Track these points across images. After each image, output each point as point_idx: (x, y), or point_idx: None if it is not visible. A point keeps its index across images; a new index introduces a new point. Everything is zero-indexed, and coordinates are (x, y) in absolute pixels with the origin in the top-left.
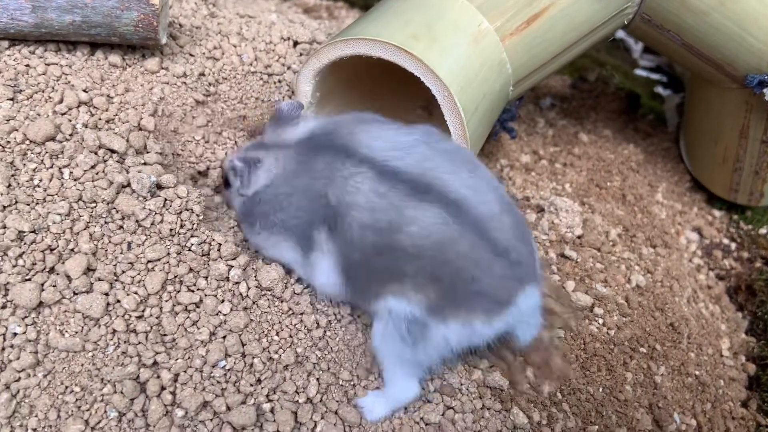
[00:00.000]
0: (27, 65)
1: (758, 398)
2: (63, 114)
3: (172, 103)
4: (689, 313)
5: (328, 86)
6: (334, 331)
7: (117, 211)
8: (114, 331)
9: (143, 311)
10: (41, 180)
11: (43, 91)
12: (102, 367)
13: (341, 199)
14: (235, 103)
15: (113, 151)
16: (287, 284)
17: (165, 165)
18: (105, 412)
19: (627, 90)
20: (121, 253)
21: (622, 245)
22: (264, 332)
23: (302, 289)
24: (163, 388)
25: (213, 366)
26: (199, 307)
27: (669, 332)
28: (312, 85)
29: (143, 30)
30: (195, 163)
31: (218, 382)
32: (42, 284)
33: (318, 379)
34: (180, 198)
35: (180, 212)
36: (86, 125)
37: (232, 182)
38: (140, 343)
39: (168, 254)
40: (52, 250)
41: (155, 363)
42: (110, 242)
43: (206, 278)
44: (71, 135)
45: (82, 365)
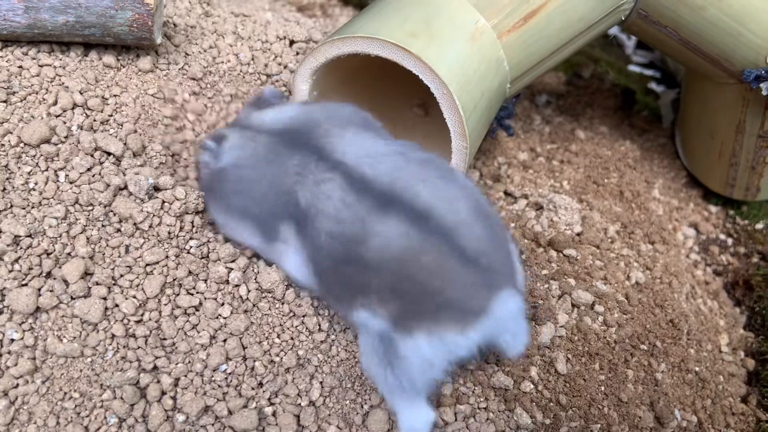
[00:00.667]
0: (20, 67)
1: (758, 393)
2: (58, 116)
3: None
4: (688, 310)
5: (325, 85)
6: (337, 334)
7: (114, 214)
8: (113, 336)
9: (142, 315)
10: (37, 183)
11: (37, 93)
12: (101, 373)
13: (311, 204)
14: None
15: (110, 154)
16: (288, 286)
17: (162, 166)
18: (105, 418)
19: (622, 86)
20: (119, 257)
21: (621, 242)
22: (265, 335)
23: (303, 292)
24: (164, 393)
25: (214, 370)
26: (199, 311)
27: (669, 329)
28: (309, 84)
29: (138, 30)
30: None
31: (219, 386)
32: (39, 289)
33: (321, 383)
34: (178, 200)
35: (178, 215)
36: (81, 127)
37: (202, 159)
38: (140, 348)
39: (167, 257)
40: (49, 255)
41: (155, 368)
42: (108, 246)
43: (206, 281)
44: (66, 137)
45: (81, 371)
